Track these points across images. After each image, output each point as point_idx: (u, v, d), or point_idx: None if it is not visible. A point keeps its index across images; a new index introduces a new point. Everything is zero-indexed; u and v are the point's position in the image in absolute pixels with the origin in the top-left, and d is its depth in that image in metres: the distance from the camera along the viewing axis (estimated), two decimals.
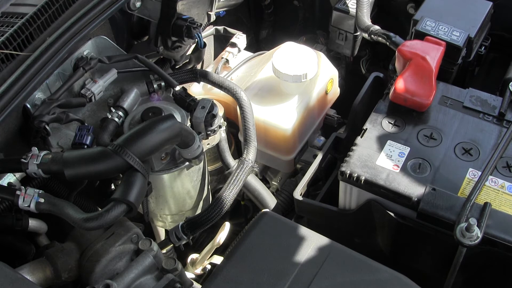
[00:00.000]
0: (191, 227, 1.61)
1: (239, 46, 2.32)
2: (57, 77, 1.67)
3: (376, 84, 2.08)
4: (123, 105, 1.68)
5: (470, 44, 1.94)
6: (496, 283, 1.69)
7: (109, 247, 1.43)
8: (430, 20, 1.95)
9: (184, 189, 1.73)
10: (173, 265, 1.42)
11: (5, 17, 1.56)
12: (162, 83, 1.74)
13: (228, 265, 1.47)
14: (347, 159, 1.71)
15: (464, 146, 1.71)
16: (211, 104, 1.65)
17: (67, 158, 1.39)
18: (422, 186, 1.63)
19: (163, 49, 1.99)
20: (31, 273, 1.41)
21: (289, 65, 1.99)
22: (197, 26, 1.93)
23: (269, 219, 1.59)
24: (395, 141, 1.73)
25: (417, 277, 1.47)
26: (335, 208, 1.84)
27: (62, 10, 1.61)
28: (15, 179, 1.54)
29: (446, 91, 1.85)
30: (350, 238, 1.85)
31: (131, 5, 1.80)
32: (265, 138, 2.04)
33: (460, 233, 1.52)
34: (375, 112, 1.82)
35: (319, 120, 2.19)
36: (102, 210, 1.34)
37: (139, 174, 1.39)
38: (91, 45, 1.74)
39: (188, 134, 1.51)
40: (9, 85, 1.47)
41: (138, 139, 1.40)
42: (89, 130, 1.58)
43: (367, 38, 2.04)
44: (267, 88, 2.09)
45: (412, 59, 1.82)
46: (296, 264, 1.46)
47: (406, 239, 1.73)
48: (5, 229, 1.52)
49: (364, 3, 2.09)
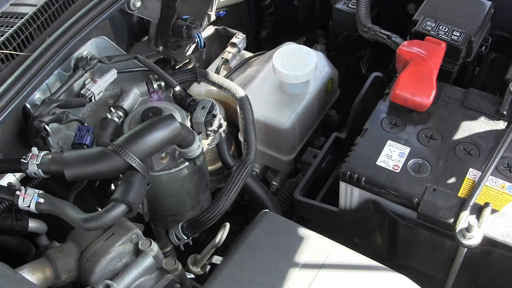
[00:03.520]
0: (191, 227, 1.61)
1: (239, 46, 2.32)
2: (57, 77, 1.67)
3: (376, 84, 2.08)
4: (123, 105, 1.68)
5: (470, 44, 1.94)
6: (496, 283, 1.69)
7: (109, 248, 1.43)
8: (430, 20, 1.95)
9: (184, 189, 1.73)
10: (173, 265, 1.42)
11: (5, 17, 1.56)
12: (162, 83, 1.74)
13: (228, 265, 1.48)
14: (347, 159, 1.71)
15: (464, 146, 1.71)
16: (211, 104, 1.64)
17: (67, 158, 1.39)
18: (422, 186, 1.63)
19: (163, 49, 1.99)
20: (31, 274, 1.41)
21: (289, 65, 1.99)
22: (197, 26, 1.93)
23: (269, 219, 1.59)
24: (395, 141, 1.73)
25: (417, 277, 1.47)
26: (335, 208, 1.84)
27: (62, 10, 1.61)
28: (15, 179, 1.54)
29: (446, 91, 1.85)
30: (350, 238, 1.85)
31: (131, 5, 1.80)
32: (265, 138, 2.04)
33: (460, 233, 1.52)
34: (375, 112, 1.82)
35: (319, 120, 2.19)
36: (102, 211, 1.34)
37: (139, 174, 1.38)
38: (91, 45, 1.74)
39: (188, 134, 1.51)
40: (9, 85, 1.47)
41: (138, 139, 1.39)
42: (89, 130, 1.58)
43: (367, 38, 2.04)
44: (267, 88, 2.09)
45: (412, 59, 1.82)
46: (296, 264, 1.46)
47: (406, 239, 1.73)
48: (5, 229, 1.52)
49: (364, 3, 2.09)
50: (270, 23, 2.85)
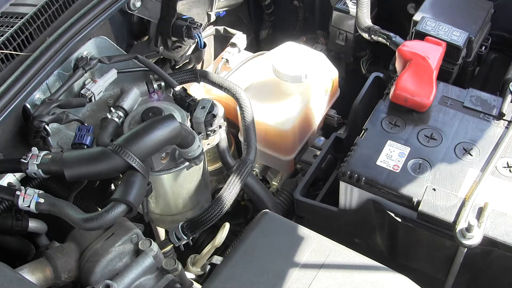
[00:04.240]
0: (191, 227, 1.61)
1: (239, 46, 2.32)
2: (57, 77, 1.67)
3: (376, 84, 2.08)
4: (123, 105, 1.68)
5: (470, 44, 1.94)
6: (496, 283, 1.69)
7: (109, 248, 1.43)
8: (430, 20, 1.95)
9: (184, 189, 1.73)
10: (173, 265, 1.42)
11: (5, 17, 1.56)
12: (162, 83, 1.74)
13: (228, 265, 1.47)
14: (347, 159, 1.71)
15: (464, 146, 1.71)
16: (211, 104, 1.64)
17: (67, 158, 1.39)
18: (422, 186, 1.63)
19: (163, 49, 1.99)
20: (31, 273, 1.41)
21: (289, 65, 1.99)
22: (197, 26, 1.93)
23: (269, 219, 1.59)
24: (395, 141, 1.73)
25: (417, 277, 1.47)
26: (335, 208, 1.84)
27: (62, 10, 1.61)
28: (15, 179, 1.54)
29: (446, 91, 1.85)
30: (350, 238, 1.85)
31: (131, 5, 1.80)
32: (265, 138, 2.04)
33: (460, 233, 1.52)
34: (375, 112, 1.82)
35: (319, 120, 2.19)
36: (102, 210, 1.34)
37: (139, 174, 1.38)
38: (91, 45, 1.74)
39: (188, 134, 1.51)
40: (9, 85, 1.47)
41: (138, 139, 1.39)
42: (89, 130, 1.58)
43: (367, 38, 2.04)
44: (267, 88, 2.09)
45: (412, 59, 1.81)
46: (296, 264, 1.46)
47: (406, 239, 1.73)
48: (5, 229, 1.52)
49: (364, 3, 2.09)
50: (270, 23, 2.86)
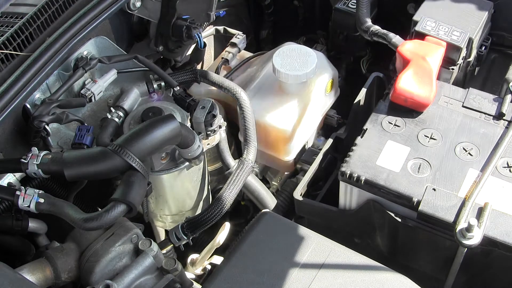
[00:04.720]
0: (191, 227, 1.61)
1: (239, 46, 2.32)
2: (57, 77, 1.67)
3: (376, 84, 2.08)
4: (123, 105, 1.68)
5: (470, 44, 1.94)
6: (497, 283, 1.69)
7: (109, 248, 1.43)
8: (430, 20, 1.95)
9: (184, 189, 1.73)
10: (173, 265, 1.42)
11: (5, 17, 1.56)
12: (162, 83, 1.74)
13: (228, 265, 1.48)
14: (347, 159, 1.71)
15: (464, 146, 1.71)
16: (211, 104, 1.65)
17: (67, 158, 1.39)
18: (422, 186, 1.63)
19: (163, 49, 1.99)
20: (31, 273, 1.41)
21: (289, 65, 1.99)
22: (197, 26, 1.93)
23: (269, 219, 1.59)
24: (395, 141, 1.73)
25: (417, 277, 1.47)
26: (335, 208, 1.84)
27: (62, 10, 1.61)
28: (15, 179, 1.54)
29: (446, 91, 1.85)
30: (350, 238, 1.85)
31: (131, 5, 1.80)
32: (265, 138, 2.04)
33: (460, 233, 1.52)
34: (375, 112, 1.82)
35: (319, 120, 2.19)
36: (102, 210, 1.34)
37: (139, 174, 1.38)
38: (91, 45, 1.74)
39: (188, 134, 1.51)
40: (9, 85, 1.47)
41: (138, 139, 1.39)
42: (89, 130, 1.58)
43: (367, 38, 2.04)
44: (267, 88, 2.08)
45: (412, 59, 1.82)
46: (296, 264, 1.46)
47: (406, 239, 1.73)
48: (5, 229, 1.52)
49: (364, 3, 2.09)
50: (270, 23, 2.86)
